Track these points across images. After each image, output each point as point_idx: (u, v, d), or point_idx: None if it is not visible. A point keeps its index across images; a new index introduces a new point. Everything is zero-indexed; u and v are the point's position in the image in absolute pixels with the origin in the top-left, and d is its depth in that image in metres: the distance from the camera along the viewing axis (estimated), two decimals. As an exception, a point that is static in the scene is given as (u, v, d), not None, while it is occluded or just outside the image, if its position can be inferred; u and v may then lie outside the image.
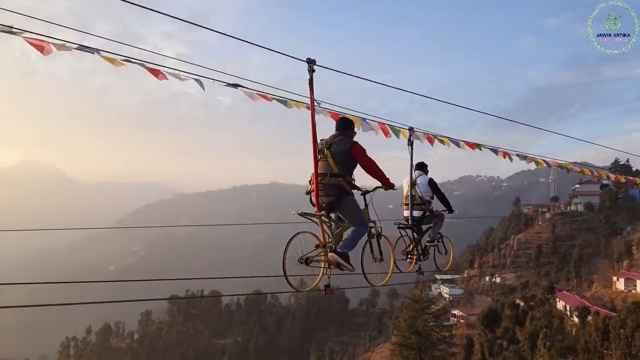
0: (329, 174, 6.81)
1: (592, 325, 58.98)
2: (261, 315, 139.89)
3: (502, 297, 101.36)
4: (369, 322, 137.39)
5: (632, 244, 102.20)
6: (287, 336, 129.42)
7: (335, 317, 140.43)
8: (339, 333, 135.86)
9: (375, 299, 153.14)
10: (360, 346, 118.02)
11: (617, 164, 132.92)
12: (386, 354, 71.16)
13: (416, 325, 39.43)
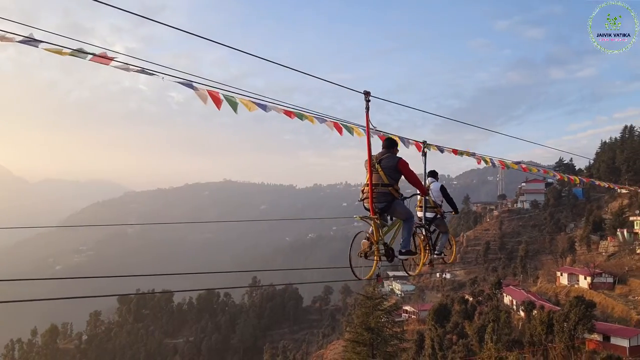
0: (380, 184, 8.18)
1: (537, 319, 61.17)
2: (214, 314, 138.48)
3: (452, 293, 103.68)
4: (322, 319, 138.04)
5: (575, 240, 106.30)
6: (240, 335, 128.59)
7: (289, 314, 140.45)
8: (292, 331, 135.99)
9: (329, 296, 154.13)
10: (313, 343, 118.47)
11: (562, 163, 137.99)
12: (339, 350, 71.64)
13: (368, 321, 39.70)
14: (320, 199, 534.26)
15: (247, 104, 8.45)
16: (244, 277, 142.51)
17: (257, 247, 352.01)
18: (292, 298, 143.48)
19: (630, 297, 71.33)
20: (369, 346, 38.73)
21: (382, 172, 8.17)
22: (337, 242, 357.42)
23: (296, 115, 9.20)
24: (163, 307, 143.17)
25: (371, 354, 38.42)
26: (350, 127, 10.30)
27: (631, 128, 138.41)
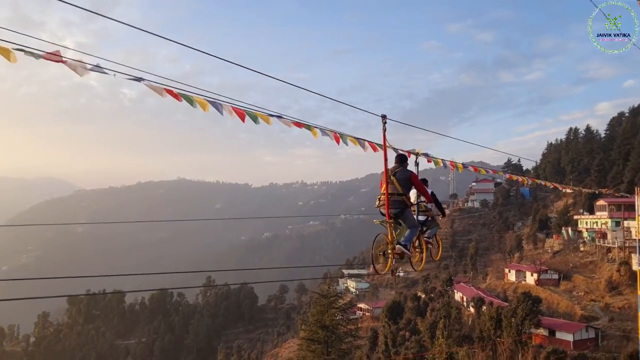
0: (395, 193, 9.34)
1: (487, 314, 63.04)
2: (167, 314, 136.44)
3: (405, 290, 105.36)
4: (277, 318, 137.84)
5: (522, 238, 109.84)
6: (194, 335, 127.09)
7: (244, 314, 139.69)
8: (247, 330, 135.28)
9: (284, 294, 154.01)
10: (268, 342, 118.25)
11: (510, 164, 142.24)
12: (294, 349, 71.91)
13: (323, 319, 40.15)
14: (276, 198, 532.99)
15: (201, 103, 8.48)
16: (199, 277, 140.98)
17: (212, 246, 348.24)
18: (247, 297, 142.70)
19: (574, 292, 74.24)
20: (324, 344, 39.17)
21: (397, 183, 9.40)
22: (293, 241, 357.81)
23: (250, 116, 9.28)
24: (114, 308, 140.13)
25: (326, 351, 38.85)
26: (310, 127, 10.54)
27: (576, 130, 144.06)
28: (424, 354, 52.18)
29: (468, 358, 47.43)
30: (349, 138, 10.89)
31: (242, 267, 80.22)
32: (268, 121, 9.61)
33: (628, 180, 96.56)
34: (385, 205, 9.23)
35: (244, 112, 9.11)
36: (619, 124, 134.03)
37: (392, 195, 9.34)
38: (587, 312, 65.27)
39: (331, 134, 10.39)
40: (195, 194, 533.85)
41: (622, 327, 57.95)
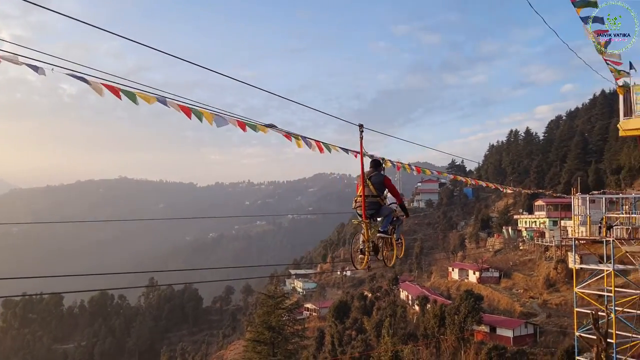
0: (371, 195, 10.04)
1: (431, 312, 64.06)
2: (107, 317, 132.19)
3: (352, 290, 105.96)
4: (223, 320, 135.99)
5: (465, 237, 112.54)
6: (136, 338, 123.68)
7: (188, 316, 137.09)
8: (192, 332, 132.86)
9: (230, 296, 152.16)
10: (213, 344, 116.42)
11: (454, 165, 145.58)
12: (239, 350, 70.91)
13: (270, 320, 39.58)
14: (222, 198, 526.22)
15: (145, 97, 8.05)
16: (141, 278, 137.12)
17: (155, 247, 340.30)
18: (191, 299, 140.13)
19: (514, 290, 76.52)
20: (270, 345, 38.60)
21: (372, 186, 10.14)
22: (239, 242, 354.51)
23: (194, 113, 8.85)
24: (52, 311, 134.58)
25: (272, 352, 38.30)
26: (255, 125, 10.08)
27: (516, 132, 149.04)
28: (369, 352, 52.38)
29: (413, 356, 47.92)
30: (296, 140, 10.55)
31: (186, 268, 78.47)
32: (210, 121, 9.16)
33: (565, 181, 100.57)
34: (362, 207, 9.82)
35: (189, 108, 8.72)
36: (556, 126, 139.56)
37: (368, 197, 10.01)
38: (526, 309, 67.32)
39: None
40: (137, 193, 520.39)
41: (559, 323, 60.05)
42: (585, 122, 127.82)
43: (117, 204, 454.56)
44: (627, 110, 13.75)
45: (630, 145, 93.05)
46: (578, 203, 39.63)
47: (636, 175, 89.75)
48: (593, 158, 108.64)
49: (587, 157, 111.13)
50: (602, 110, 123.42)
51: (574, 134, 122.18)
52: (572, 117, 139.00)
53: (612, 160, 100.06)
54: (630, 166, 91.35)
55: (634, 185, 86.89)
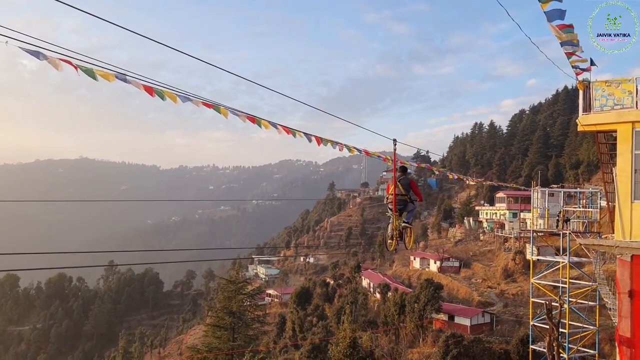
0: (400, 194, 12.11)
1: (391, 300, 64.74)
2: (65, 299, 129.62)
3: (315, 277, 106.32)
4: (183, 304, 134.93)
5: (428, 227, 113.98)
6: (94, 321, 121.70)
7: (148, 300, 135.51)
8: (151, 316, 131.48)
9: (191, 280, 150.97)
10: (173, 329, 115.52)
11: (419, 155, 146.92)
12: (199, 335, 70.45)
13: (231, 305, 39.31)
14: (185, 181, 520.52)
15: (104, 75, 7.75)
16: (101, 260, 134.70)
17: (116, 229, 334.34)
18: (152, 283, 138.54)
19: (473, 280, 77.99)
20: (230, 330, 38.37)
21: (401, 187, 12.26)
22: (202, 226, 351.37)
23: (156, 93, 8.56)
24: (7, 293, 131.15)
25: (232, 337, 38.08)
26: (219, 108, 9.83)
27: (480, 125, 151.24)
28: (328, 338, 52.68)
29: (371, 342, 48.39)
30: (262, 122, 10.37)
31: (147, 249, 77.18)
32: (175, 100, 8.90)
33: (526, 174, 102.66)
34: (393, 203, 12.03)
35: (151, 87, 8.46)
36: (519, 120, 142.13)
37: (398, 195, 12.12)
38: (484, 298, 68.67)
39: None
40: (99, 174, 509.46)
41: (515, 313, 61.52)
42: (547, 117, 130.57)
43: (77, 184, 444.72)
44: (586, 106, 13.92)
45: (590, 141, 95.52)
46: (537, 196, 40.43)
47: (594, 170, 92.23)
48: (554, 152, 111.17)
49: (548, 152, 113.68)
50: (564, 106, 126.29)
51: (536, 128, 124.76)
52: (535, 112, 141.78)
53: (572, 155, 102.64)
54: (589, 161, 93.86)
55: (591, 180, 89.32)
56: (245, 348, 36.72)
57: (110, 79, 7.85)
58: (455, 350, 47.05)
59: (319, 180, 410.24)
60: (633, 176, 12.80)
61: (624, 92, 13.10)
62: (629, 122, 12.89)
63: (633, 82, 13.09)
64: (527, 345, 41.80)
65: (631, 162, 12.79)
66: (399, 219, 12.27)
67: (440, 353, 47.39)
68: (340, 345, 39.04)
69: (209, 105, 9.64)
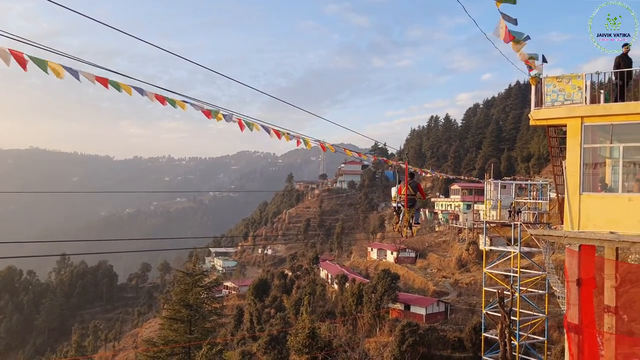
0: (410, 194, 15.42)
1: (349, 291, 65.40)
2: (15, 293, 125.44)
3: (273, 268, 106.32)
4: (138, 298, 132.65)
5: (385, 218, 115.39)
6: (45, 315, 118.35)
7: (102, 293, 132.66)
8: (105, 310, 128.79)
9: (146, 273, 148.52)
10: (128, 322, 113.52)
11: (376, 147, 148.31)
12: (155, 328, 69.50)
13: (187, 298, 38.95)
14: (140, 172, 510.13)
15: (55, 69, 7.43)
16: (52, 252, 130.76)
17: (67, 222, 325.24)
18: (105, 276, 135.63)
19: (428, 270, 79.51)
20: (187, 323, 38.03)
21: (410, 189, 15.52)
22: (158, 218, 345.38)
23: (112, 85, 8.37)
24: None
25: (189, 330, 37.77)
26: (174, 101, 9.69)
27: (436, 118, 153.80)
28: (286, 330, 52.86)
29: (329, 332, 48.79)
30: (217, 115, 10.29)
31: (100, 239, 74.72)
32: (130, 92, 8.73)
33: (479, 166, 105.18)
34: (405, 201, 15.55)
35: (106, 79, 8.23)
36: (474, 114, 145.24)
37: (409, 195, 15.54)
38: (439, 288, 70.14)
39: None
40: (50, 165, 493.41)
41: (468, 302, 63.09)
42: (500, 111, 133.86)
43: (27, 175, 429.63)
44: (538, 100, 14.36)
45: (540, 135, 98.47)
46: (490, 188, 41.42)
47: (544, 163, 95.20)
48: (506, 145, 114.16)
49: (500, 145, 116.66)
50: (516, 101, 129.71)
51: (489, 122, 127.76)
52: (489, 106, 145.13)
53: (523, 149, 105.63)
54: (539, 154, 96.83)
55: (542, 172, 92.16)
56: (202, 340, 36.45)
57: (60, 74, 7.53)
58: (411, 339, 47.98)
59: (277, 172, 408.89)
60: (581, 169, 13.31)
61: (574, 87, 13.59)
62: (578, 117, 13.38)
63: (582, 79, 13.59)
64: (479, 333, 42.99)
65: (580, 156, 13.30)
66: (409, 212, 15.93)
67: (397, 342, 48.24)
68: (299, 336, 39.26)
69: (162, 99, 9.48)
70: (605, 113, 13.22)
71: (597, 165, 14.23)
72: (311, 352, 37.86)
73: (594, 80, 14.05)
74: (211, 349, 34.75)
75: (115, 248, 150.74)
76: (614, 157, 13.94)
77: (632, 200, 12.78)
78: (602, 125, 13.39)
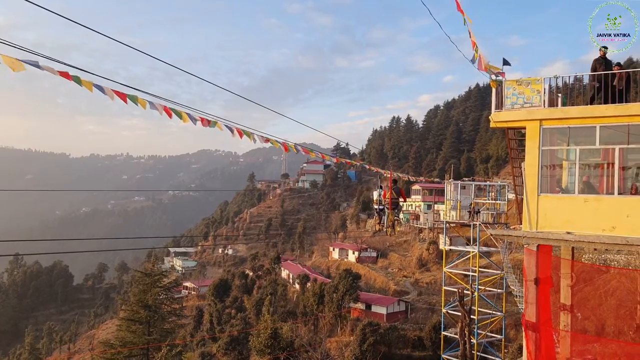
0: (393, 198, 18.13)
1: (311, 291, 65.44)
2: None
3: (233, 268, 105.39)
4: (95, 299, 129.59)
5: (347, 218, 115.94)
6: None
7: (57, 294, 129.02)
8: (60, 311, 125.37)
9: (103, 273, 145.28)
10: (84, 323, 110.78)
11: (339, 147, 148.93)
12: (112, 330, 68.03)
13: (146, 299, 38.17)
14: (97, 170, 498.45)
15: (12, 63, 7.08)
16: (4, 252, 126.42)
17: (20, 221, 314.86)
18: (60, 276, 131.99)
19: (389, 269, 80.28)
20: (146, 324, 37.33)
21: (394, 193, 18.08)
22: (115, 218, 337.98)
23: (73, 79, 8.10)
24: None
25: (147, 331, 37.08)
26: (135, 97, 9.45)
27: (398, 119, 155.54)
28: (247, 330, 52.52)
29: (292, 332, 48.70)
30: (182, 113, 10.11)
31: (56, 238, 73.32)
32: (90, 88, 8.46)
33: (440, 167, 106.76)
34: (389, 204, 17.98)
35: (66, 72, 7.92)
36: (434, 115, 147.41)
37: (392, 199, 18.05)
38: (400, 287, 70.91)
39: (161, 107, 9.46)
40: (2, 162, 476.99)
41: (428, 301, 63.97)
42: (460, 112, 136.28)
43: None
44: (498, 103, 14.60)
45: (499, 137, 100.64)
46: (450, 189, 42.08)
47: (502, 164, 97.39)
48: (465, 147, 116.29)
49: (460, 146, 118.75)
50: (475, 103, 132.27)
51: (449, 123, 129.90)
52: (449, 108, 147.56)
53: (482, 150, 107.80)
54: (498, 156, 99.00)
55: (500, 173, 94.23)
56: (161, 342, 35.84)
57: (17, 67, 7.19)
58: (372, 338, 48.37)
59: (238, 171, 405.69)
60: (540, 171, 13.61)
61: (533, 91, 13.88)
62: (537, 120, 13.67)
63: (541, 82, 13.89)
64: (439, 332, 43.61)
65: (538, 158, 13.59)
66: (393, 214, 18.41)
67: (358, 341, 48.54)
68: (261, 336, 39.06)
69: (122, 95, 9.23)
70: (563, 116, 13.55)
71: (555, 167, 14.59)
72: (273, 353, 37.75)
73: (551, 84, 14.41)
74: (170, 350, 34.21)
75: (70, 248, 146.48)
76: (571, 159, 14.31)
77: (587, 201, 13.14)
78: (559, 128, 13.73)
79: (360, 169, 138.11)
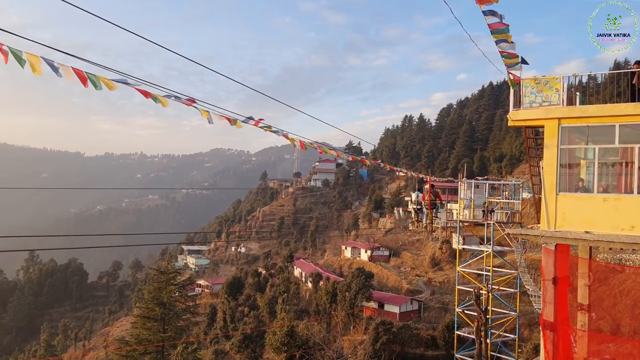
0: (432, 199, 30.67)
1: (323, 289, 65.48)
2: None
3: (246, 266, 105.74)
4: (109, 296, 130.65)
5: (359, 217, 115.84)
6: (13, 314, 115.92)
7: (72, 291, 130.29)
8: (75, 308, 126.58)
9: (118, 271, 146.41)
10: (98, 321, 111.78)
11: (351, 146, 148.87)
12: (127, 327, 68.64)
13: (161, 296, 38.56)
14: (111, 169, 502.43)
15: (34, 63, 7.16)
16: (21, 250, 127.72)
17: (36, 219, 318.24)
18: (75, 274, 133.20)
19: (402, 268, 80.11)
20: (161, 321, 37.68)
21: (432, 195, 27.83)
22: (129, 216, 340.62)
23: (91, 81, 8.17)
24: None
25: (162, 329, 37.41)
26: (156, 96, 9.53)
27: (410, 118, 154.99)
28: (265, 328, 52.75)
29: (307, 331, 48.84)
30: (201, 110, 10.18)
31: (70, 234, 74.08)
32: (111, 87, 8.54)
33: (453, 166, 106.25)
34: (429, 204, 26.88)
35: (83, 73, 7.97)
36: (447, 114, 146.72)
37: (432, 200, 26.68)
38: (413, 286, 70.73)
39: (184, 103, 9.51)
40: (18, 160, 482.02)
41: (441, 300, 63.76)
42: (473, 111, 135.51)
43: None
44: (516, 101, 14.52)
45: (512, 135, 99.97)
46: (464, 188, 41.88)
47: (516, 163, 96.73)
48: (479, 146, 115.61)
49: (473, 145, 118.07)
50: (489, 101, 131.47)
51: (463, 122, 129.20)
52: (462, 106, 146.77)
53: (496, 149, 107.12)
54: (511, 155, 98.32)
55: (514, 172, 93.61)
56: (175, 339, 36.17)
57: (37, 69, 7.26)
58: (385, 337, 48.33)
59: (251, 170, 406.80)
60: (558, 169, 13.53)
61: (551, 89, 13.81)
62: (555, 119, 13.60)
63: (560, 81, 13.82)
64: (452, 331, 43.47)
65: (557, 156, 13.51)
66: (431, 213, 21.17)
67: (371, 340, 48.52)
68: (278, 334, 39.23)
69: (146, 93, 9.31)
70: (582, 115, 13.45)
71: (573, 165, 14.50)
72: (290, 350, 37.87)
73: (571, 82, 14.31)
74: (186, 347, 34.51)
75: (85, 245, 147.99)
76: (589, 158, 14.21)
77: (606, 200, 13.05)
78: (578, 126, 13.63)
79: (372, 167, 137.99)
